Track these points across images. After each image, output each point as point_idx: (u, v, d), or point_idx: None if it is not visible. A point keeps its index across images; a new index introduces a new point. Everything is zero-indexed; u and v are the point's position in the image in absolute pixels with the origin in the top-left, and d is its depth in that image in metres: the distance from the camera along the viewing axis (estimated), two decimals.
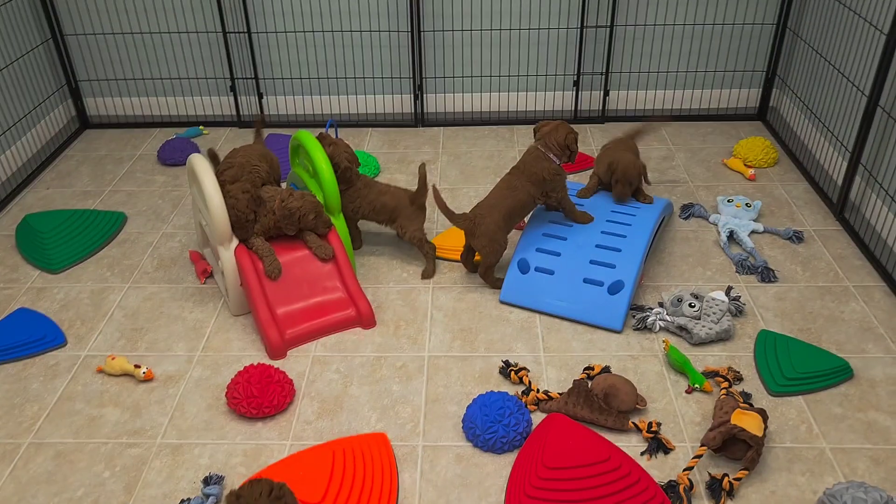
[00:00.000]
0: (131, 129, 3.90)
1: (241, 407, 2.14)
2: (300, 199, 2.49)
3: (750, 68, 3.82)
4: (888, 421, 2.10)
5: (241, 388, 2.15)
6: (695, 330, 2.36)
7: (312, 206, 2.50)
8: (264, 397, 2.14)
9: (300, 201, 2.49)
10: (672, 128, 3.76)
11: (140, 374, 2.29)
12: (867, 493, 1.78)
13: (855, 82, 3.03)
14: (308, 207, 2.49)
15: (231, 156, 2.61)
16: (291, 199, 2.49)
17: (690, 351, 2.36)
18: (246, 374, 2.19)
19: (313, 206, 2.51)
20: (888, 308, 2.52)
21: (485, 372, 2.31)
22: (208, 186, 2.42)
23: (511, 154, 3.56)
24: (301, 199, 2.50)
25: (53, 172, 3.50)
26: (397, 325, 2.51)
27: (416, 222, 2.74)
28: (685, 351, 2.36)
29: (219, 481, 1.96)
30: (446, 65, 3.82)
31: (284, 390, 2.19)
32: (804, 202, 3.12)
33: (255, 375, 2.18)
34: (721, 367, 2.26)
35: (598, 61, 3.80)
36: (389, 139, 3.74)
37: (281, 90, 3.91)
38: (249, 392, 2.14)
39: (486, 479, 1.97)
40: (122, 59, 3.86)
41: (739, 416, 2.00)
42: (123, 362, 2.32)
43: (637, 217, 2.69)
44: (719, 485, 1.89)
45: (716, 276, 2.69)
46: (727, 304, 2.44)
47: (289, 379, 2.24)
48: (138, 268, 2.82)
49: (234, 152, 2.62)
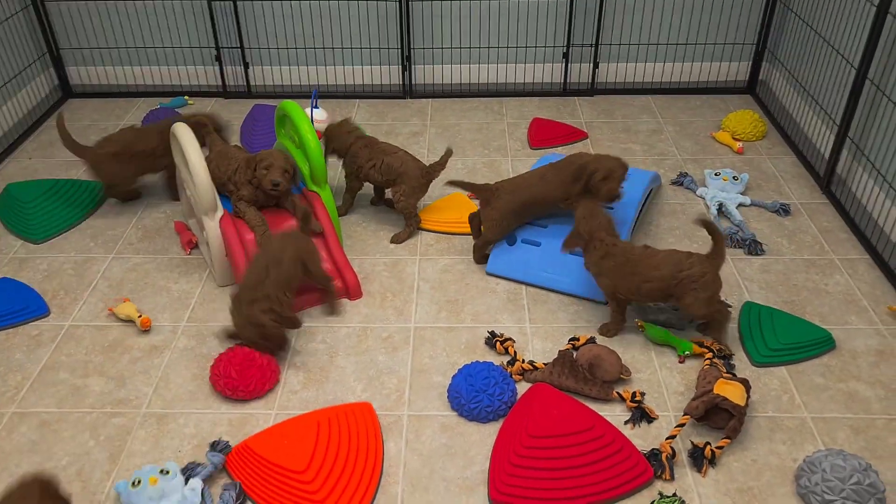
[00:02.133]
0: (115, 98, 3.84)
1: (218, 384, 2.12)
2: (264, 152, 2.48)
3: (740, 41, 3.80)
4: (868, 391, 2.13)
5: (222, 366, 2.12)
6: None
7: (268, 155, 2.46)
8: (241, 381, 2.09)
9: (263, 153, 2.47)
10: (661, 101, 3.75)
11: (137, 321, 2.34)
12: (846, 460, 1.80)
13: (844, 55, 3.02)
14: (264, 155, 2.46)
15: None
16: (263, 162, 2.46)
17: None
18: (230, 353, 2.15)
19: (269, 155, 2.46)
20: (871, 280, 2.54)
21: (471, 343, 2.32)
22: (192, 155, 2.39)
23: (500, 126, 3.54)
24: (267, 153, 2.47)
25: (36, 142, 3.45)
26: (384, 297, 2.51)
27: (416, 195, 2.72)
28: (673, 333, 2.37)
29: (225, 448, 1.95)
30: (435, 36, 3.78)
31: (265, 377, 2.13)
32: (791, 175, 3.13)
33: (239, 357, 2.13)
34: (706, 339, 2.27)
35: (587, 33, 3.76)
36: (377, 111, 3.70)
37: (267, 60, 3.86)
38: (228, 373, 2.10)
39: (471, 448, 1.99)
40: (106, 27, 3.79)
41: (722, 385, 2.02)
42: (132, 309, 2.36)
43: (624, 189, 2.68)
44: (701, 453, 1.91)
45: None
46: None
47: (274, 366, 2.18)
48: (122, 238, 2.80)
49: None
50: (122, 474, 1.92)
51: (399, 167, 2.68)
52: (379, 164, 2.70)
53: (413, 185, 2.69)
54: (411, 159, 2.71)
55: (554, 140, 3.38)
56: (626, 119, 3.59)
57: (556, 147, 3.36)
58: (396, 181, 2.70)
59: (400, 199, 2.70)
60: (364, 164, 2.73)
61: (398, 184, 2.70)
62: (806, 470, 1.84)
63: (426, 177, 2.71)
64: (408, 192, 2.69)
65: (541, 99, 3.79)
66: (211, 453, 1.92)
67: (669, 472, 1.88)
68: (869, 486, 1.76)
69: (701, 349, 2.24)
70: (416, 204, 2.73)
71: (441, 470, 1.93)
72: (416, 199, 2.73)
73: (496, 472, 1.88)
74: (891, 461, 1.93)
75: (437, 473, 1.92)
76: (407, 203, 2.70)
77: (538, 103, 3.75)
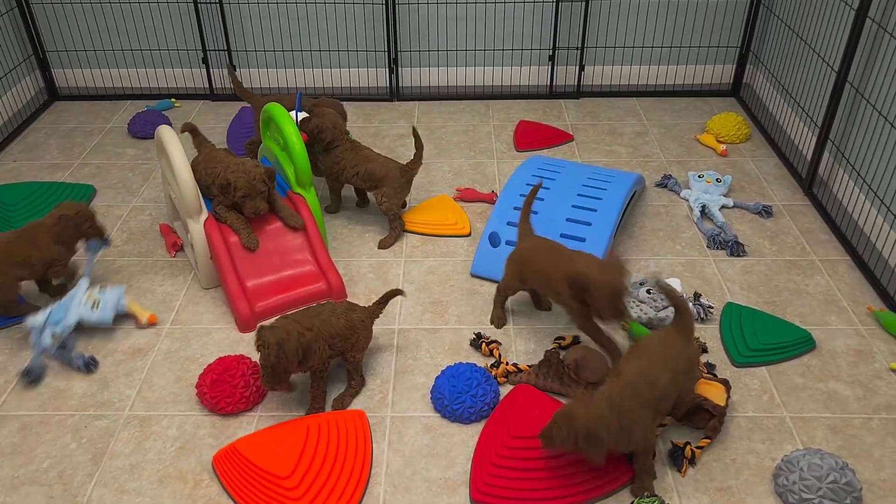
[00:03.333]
0: (101, 101, 3.84)
1: (198, 393, 2.12)
2: (239, 171, 2.42)
3: (724, 44, 3.83)
4: (847, 391, 2.15)
5: (204, 376, 2.11)
6: (630, 310, 2.37)
7: (245, 184, 2.41)
8: (212, 394, 2.07)
9: (236, 174, 2.42)
10: (646, 103, 3.77)
11: (143, 319, 2.39)
12: (823, 459, 1.82)
13: (825, 58, 3.05)
14: (240, 184, 2.41)
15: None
16: (229, 171, 2.44)
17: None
18: (213, 366, 2.12)
19: (246, 184, 2.41)
20: (851, 281, 2.56)
21: (454, 344, 2.33)
22: (177, 158, 2.40)
23: (486, 128, 3.55)
24: (241, 172, 2.42)
25: (21, 145, 3.44)
26: (368, 298, 2.51)
27: (399, 196, 2.74)
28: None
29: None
30: (421, 38, 3.79)
31: (234, 398, 2.06)
32: (774, 177, 3.15)
33: (217, 371, 2.09)
34: None
35: (573, 36, 3.78)
36: (364, 113, 3.71)
37: (254, 62, 3.86)
38: (203, 382, 2.09)
39: (453, 448, 2.00)
40: (92, 29, 3.79)
41: (703, 386, 2.03)
42: (137, 308, 2.41)
43: (608, 191, 2.70)
44: (681, 453, 1.93)
45: (685, 251, 2.72)
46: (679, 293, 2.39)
47: (245, 397, 2.09)
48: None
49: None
50: (105, 477, 1.92)
51: (380, 172, 2.71)
52: (362, 172, 2.74)
53: (395, 186, 2.72)
54: (391, 163, 2.74)
55: (540, 142, 3.40)
56: (611, 121, 3.61)
57: (542, 149, 3.38)
58: (378, 185, 2.73)
59: (383, 201, 2.72)
60: (347, 168, 2.75)
61: (380, 187, 2.72)
62: (784, 469, 1.86)
63: (406, 175, 2.74)
64: (390, 193, 2.72)
65: (527, 101, 3.81)
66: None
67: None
68: (845, 484, 1.78)
69: None
70: (399, 204, 2.75)
71: (423, 471, 1.94)
72: (400, 198, 2.75)
73: (478, 472, 1.89)
74: (867, 460, 1.95)
75: (419, 474, 1.93)
76: (391, 204, 2.72)
77: (524, 105, 3.76)
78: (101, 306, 2.33)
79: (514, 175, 2.81)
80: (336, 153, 2.76)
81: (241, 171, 2.42)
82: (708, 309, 2.39)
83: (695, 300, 2.42)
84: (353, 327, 2.11)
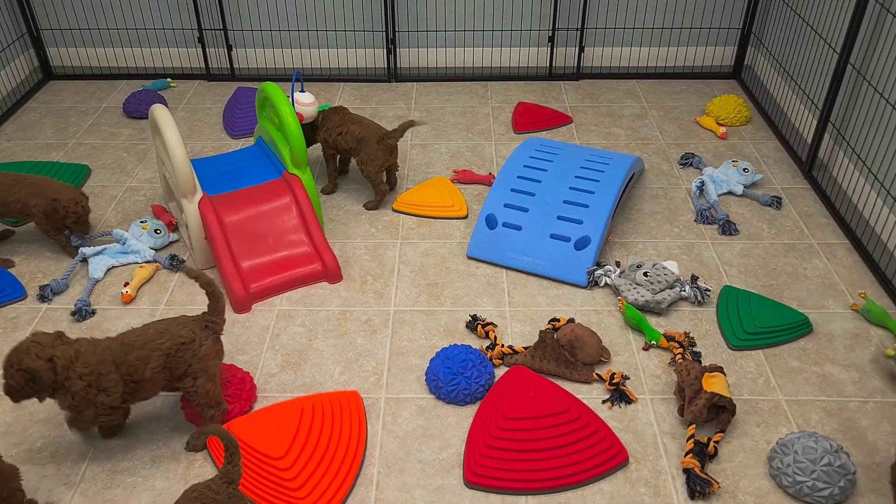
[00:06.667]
0: (96, 80, 3.80)
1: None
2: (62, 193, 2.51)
3: (726, 26, 3.79)
4: (843, 374, 2.14)
5: None
6: (627, 293, 2.36)
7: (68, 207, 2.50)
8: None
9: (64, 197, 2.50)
10: (646, 85, 3.74)
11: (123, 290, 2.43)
12: (817, 442, 1.82)
13: (827, 40, 3.01)
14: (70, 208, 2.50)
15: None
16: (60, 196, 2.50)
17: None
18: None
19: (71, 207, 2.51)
20: (849, 265, 2.55)
21: (450, 326, 2.32)
22: (171, 137, 2.37)
23: (484, 110, 3.52)
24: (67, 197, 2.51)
25: (15, 124, 3.41)
26: (364, 280, 2.50)
27: (375, 162, 2.74)
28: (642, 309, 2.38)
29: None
30: (420, 19, 3.75)
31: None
32: (774, 160, 3.13)
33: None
34: (676, 332, 2.25)
35: (573, 17, 3.74)
36: (362, 94, 3.68)
37: (251, 42, 3.82)
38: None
39: (448, 429, 1.99)
40: (87, 8, 3.74)
41: (709, 381, 1.98)
42: (145, 273, 2.49)
43: (606, 173, 2.68)
44: (705, 449, 1.88)
45: (683, 234, 2.70)
46: (675, 276, 2.39)
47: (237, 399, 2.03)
48: (102, 221, 2.78)
49: None
50: (97, 457, 1.92)
51: (358, 133, 2.74)
52: (345, 132, 2.77)
53: (369, 151, 2.73)
54: (373, 126, 2.76)
55: (538, 124, 3.37)
56: (610, 103, 3.58)
57: (541, 131, 3.35)
58: (356, 149, 2.76)
59: (361, 168, 2.77)
60: (333, 129, 2.79)
61: (357, 152, 2.76)
62: (778, 452, 1.85)
63: (381, 142, 2.73)
64: (366, 159, 2.74)
65: (526, 83, 3.77)
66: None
67: (714, 482, 1.81)
68: (839, 467, 1.78)
69: (669, 343, 2.22)
70: (378, 170, 2.76)
71: (417, 452, 1.94)
72: (378, 165, 2.75)
73: (471, 453, 1.89)
74: (862, 443, 1.94)
75: (413, 455, 1.93)
76: (369, 170, 2.75)
77: (523, 87, 3.73)
78: (162, 232, 2.62)
79: (512, 157, 2.80)
80: (327, 121, 2.82)
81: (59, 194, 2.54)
82: (705, 292, 2.38)
83: (692, 283, 2.40)
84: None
